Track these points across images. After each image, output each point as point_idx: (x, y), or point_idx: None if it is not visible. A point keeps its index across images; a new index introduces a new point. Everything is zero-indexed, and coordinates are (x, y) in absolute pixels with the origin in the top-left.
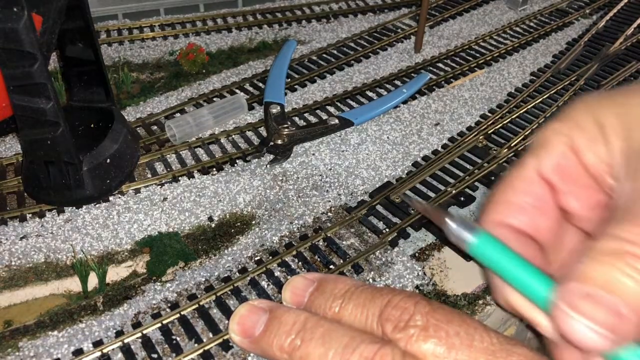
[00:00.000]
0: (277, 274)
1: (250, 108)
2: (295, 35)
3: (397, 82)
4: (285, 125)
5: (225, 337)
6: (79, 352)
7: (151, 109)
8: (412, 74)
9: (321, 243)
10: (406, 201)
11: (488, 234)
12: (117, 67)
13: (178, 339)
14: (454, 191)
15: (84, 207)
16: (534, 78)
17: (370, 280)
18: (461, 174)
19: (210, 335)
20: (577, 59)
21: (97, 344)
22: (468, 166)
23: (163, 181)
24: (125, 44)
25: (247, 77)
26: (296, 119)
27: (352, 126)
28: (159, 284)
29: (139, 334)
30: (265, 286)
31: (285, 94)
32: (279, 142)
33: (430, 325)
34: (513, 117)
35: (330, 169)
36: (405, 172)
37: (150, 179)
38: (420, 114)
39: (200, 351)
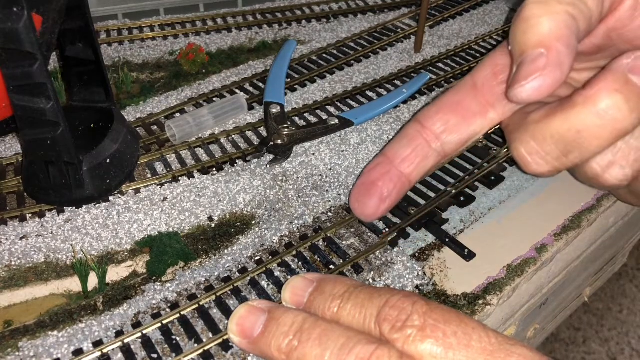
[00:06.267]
0: (277, 274)
1: (250, 108)
2: (295, 35)
3: (397, 82)
4: (285, 125)
5: (225, 337)
6: (79, 352)
7: (151, 109)
8: (412, 74)
9: (321, 243)
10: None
11: None
12: (117, 67)
13: (178, 339)
14: (454, 191)
15: (84, 207)
16: None
17: (370, 281)
18: (461, 174)
19: (210, 335)
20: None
21: (97, 344)
22: (468, 166)
23: (163, 181)
24: (125, 44)
25: (247, 77)
26: (296, 119)
27: (352, 126)
28: (159, 284)
29: (139, 334)
30: (265, 286)
31: (285, 94)
32: (279, 142)
33: (427, 326)
34: None
35: (330, 169)
36: None
37: (150, 179)
38: None
39: (200, 351)
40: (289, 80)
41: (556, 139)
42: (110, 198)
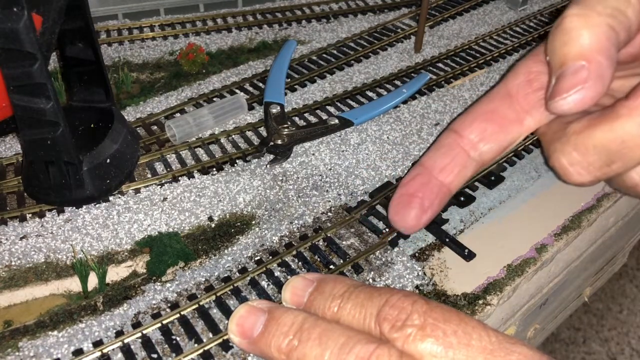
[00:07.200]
0: (277, 274)
1: (250, 108)
2: (295, 35)
3: (397, 82)
4: (285, 125)
5: (225, 337)
6: (79, 352)
7: (151, 109)
8: (412, 74)
9: (321, 243)
10: None
11: None
12: (117, 67)
13: (178, 339)
14: None
15: (84, 207)
16: None
17: (370, 281)
18: None
19: (210, 335)
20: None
21: (97, 344)
22: None
23: (163, 181)
24: (125, 44)
25: (247, 77)
26: (296, 119)
27: (352, 126)
28: (159, 284)
29: (139, 334)
30: (265, 286)
31: (285, 94)
32: (279, 142)
33: (427, 325)
34: None
35: (330, 169)
36: (405, 172)
37: (150, 179)
38: (420, 114)
39: (200, 351)
40: (289, 80)
41: (599, 149)
42: (110, 198)
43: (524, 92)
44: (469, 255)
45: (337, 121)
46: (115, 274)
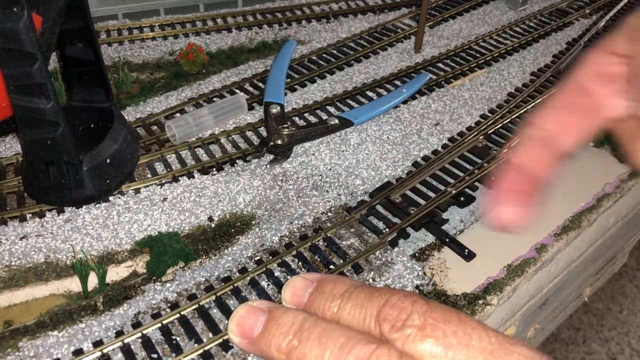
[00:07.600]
0: (277, 274)
1: (250, 108)
2: (295, 35)
3: (397, 82)
4: (285, 125)
5: (225, 337)
6: (79, 352)
7: (151, 109)
8: (412, 74)
9: (321, 243)
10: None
11: None
12: (117, 67)
13: (178, 339)
14: (454, 191)
15: (84, 207)
16: (534, 78)
17: (370, 281)
18: (461, 174)
19: (210, 335)
20: (577, 59)
21: (97, 344)
22: (468, 166)
23: (163, 181)
24: (125, 44)
25: (247, 77)
26: (296, 119)
27: (352, 126)
28: (159, 284)
29: (139, 334)
30: (265, 286)
31: (285, 94)
32: (279, 142)
33: (427, 325)
34: (513, 117)
35: (330, 169)
36: (405, 172)
37: (150, 179)
38: (420, 114)
39: (200, 351)
40: (289, 80)
41: None
42: (110, 198)
43: (593, 85)
44: (469, 255)
45: (337, 121)
46: (115, 274)
